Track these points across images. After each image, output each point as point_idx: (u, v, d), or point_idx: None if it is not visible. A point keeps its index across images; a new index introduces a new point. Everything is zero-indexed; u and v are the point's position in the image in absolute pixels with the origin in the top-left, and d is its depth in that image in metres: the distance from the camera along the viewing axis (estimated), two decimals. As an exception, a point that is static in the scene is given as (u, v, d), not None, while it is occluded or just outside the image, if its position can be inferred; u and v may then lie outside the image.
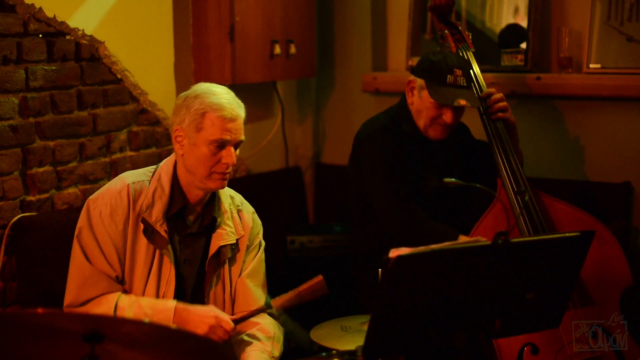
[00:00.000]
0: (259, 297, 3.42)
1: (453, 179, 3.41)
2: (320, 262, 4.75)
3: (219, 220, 3.33)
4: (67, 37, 3.86)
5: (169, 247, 3.22)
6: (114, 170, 4.08)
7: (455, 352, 2.72)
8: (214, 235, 3.32)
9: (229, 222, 3.35)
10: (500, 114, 3.88)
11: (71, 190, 3.91)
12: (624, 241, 4.15)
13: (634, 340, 3.56)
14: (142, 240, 3.21)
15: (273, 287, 4.22)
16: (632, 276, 3.63)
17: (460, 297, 2.60)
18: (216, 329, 3.13)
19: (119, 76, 4.09)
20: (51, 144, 3.82)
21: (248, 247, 3.42)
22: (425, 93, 3.80)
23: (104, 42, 3.99)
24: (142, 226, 3.20)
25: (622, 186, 4.33)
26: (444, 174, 3.86)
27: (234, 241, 3.35)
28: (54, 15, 3.78)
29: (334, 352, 2.86)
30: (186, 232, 3.31)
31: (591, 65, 4.39)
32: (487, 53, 4.60)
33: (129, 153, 4.18)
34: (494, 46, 4.73)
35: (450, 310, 2.61)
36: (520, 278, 2.67)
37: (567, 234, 2.71)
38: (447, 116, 3.79)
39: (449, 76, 3.77)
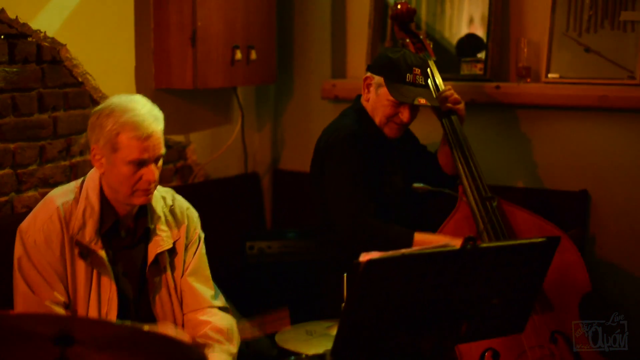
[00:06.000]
0: (205, 293, 3.39)
1: (422, 184, 3.44)
2: (279, 267, 4.76)
3: (152, 227, 3.29)
4: (29, 39, 3.83)
5: (107, 264, 3.17)
6: (73, 173, 4.05)
7: (423, 356, 2.75)
8: (150, 244, 3.28)
9: (164, 227, 3.31)
10: (453, 105, 3.92)
11: (31, 193, 3.88)
12: (581, 249, 4.20)
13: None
14: (80, 263, 3.15)
15: (233, 291, 4.23)
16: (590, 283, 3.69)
17: (428, 301, 2.62)
18: None
19: (80, 79, 4.06)
20: (11, 146, 3.78)
21: (187, 246, 3.38)
22: (382, 90, 3.80)
23: (65, 44, 3.97)
24: (77, 249, 3.15)
25: (579, 194, 4.40)
26: (407, 174, 3.90)
27: (171, 245, 3.31)
28: (16, 17, 3.75)
29: (304, 356, 2.86)
30: (121, 245, 3.26)
31: (550, 75, 4.45)
32: (445, 63, 4.63)
33: (89, 157, 4.13)
34: (453, 56, 4.78)
35: (418, 314, 2.63)
36: (487, 283, 2.70)
37: (534, 240, 2.73)
38: (404, 115, 3.79)
39: (408, 75, 3.78)
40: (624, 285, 4.37)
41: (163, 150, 3.18)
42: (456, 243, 2.58)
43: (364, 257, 2.50)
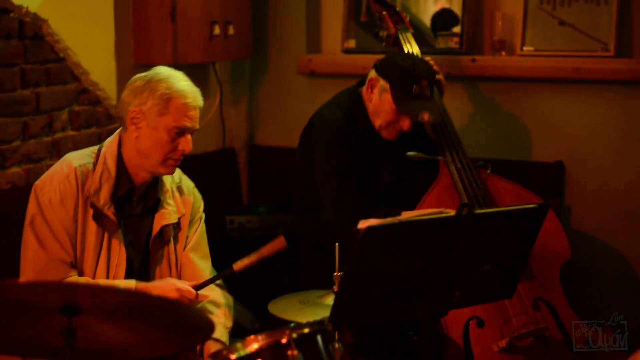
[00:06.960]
0: (204, 268, 3.46)
1: (415, 152, 3.49)
2: (259, 241, 4.77)
3: (161, 200, 3.34)
4: (11, 14, 3.81)
5: (118, 229, 3.22)
6: (55, 150, 4.05)
7: (417, 322, 2.81)
8: (157, 215, 3.33)
9: (171, 201, 3.37)
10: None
11: (14, 169, 3.87)
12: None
13: (573, 310, 3.69)
14: (92, 224, 3.20)
15: (214, 265, 4.26)
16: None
17: (423, 268, 2.68)
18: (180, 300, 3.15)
19: (61, 55, 4.05)
20: (-6, 122, 3.79)
21: (190, 222, 3.44)
22: (387, 96, 3.77)
23: (47, 20, 3.95)
24: (91, 211, 3.19)
25: (555, 165, 4.47)
26: (396, 169, 3.92)
27: (176, 220, 3.37)
28: (-2, -8, 3.75)
29: (304, 323, 2.89)
30: (131, 213, 3.31)
31: (525, 48, 4.52)
32: (419, 39, 4.68)
33: (71, 133, 4.14)
34: (424, 32, 4.82)
35: (414, 280, 2.69)
36: (479, 250, 2.76)
37: (526, 206, 2.80)
38: (405, 124, 3.78)
39: (415, 86, 3.74)
40: (599, 254, 4.46)
41: (199, 125, 3.26)
42: None
43: (363, 224, 2.56)
